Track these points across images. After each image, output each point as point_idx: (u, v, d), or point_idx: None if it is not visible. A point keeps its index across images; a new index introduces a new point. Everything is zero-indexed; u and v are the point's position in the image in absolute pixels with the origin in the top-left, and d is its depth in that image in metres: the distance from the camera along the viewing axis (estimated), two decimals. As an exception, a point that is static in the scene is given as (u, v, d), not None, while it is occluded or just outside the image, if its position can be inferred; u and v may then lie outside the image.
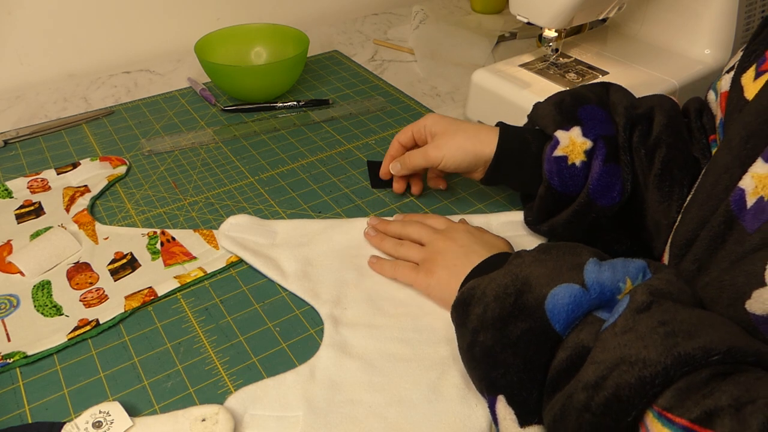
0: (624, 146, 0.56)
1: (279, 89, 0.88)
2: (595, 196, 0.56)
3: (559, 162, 0.57)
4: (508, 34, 1.06)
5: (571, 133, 0.57)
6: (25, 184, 0.70)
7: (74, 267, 0.59)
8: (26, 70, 0.93)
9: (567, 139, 0.57)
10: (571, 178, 0.57)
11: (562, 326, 0.40)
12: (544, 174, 0.58)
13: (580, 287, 0.41)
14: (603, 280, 0.41)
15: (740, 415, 0.30)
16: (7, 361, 0.50)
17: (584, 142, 0.56)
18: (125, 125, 0.83)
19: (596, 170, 0.56)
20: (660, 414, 0.32)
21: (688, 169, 0.54)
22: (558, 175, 0.57)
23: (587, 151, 0.56)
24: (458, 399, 0.47)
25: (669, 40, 0.81)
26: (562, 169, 0.57)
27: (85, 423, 0.44)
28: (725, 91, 0.51)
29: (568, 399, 0.37)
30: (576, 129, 0.57)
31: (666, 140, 0.55)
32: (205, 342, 0.53)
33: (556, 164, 0.57)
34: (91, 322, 0.53)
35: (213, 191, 0.71)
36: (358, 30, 1.14)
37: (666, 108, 0.57)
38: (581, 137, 0.57)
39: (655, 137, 0.56)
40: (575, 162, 0.57)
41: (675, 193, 0.54)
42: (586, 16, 0.73)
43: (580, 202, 0.57)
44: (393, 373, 0.50)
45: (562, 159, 0.57)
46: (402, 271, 0.57)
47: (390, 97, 0.90)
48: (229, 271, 0.60)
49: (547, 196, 0.59)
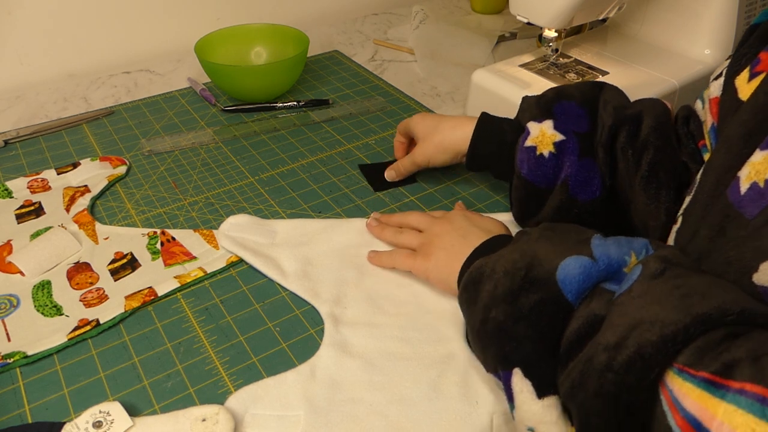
0: (605, 144, 0.57)
1: (279, 89, 0.88)
2: (575, 191, 0.57)
3: (529, 152, 0.59)
4: (508, 34, 1.06)
5: (543, 125, 0.59)
6: (26, 184, 0.70)
7: (74, 267, 0.60)
8: (26, 70, 0.93)
9: (537, 130, 0.59)
10: (539, 168, 0.58)
11: (574, 296, 0.41)
12: (516, 163, 0.60)
13: (589, 259, 0.41)
14: (610, 253, 0.42)
15: (758, 364, 0.30)
16: (7, 361, 0.50)
17: (554, 134, 0.58)
18: (125, 125, 0.83)
19: (573, 165, 0.57)
20: (680, 370, 0.33)
21: (675, 173, 0.55)
22: (527, 164, 0.59)
23: (556, 143, 0.58)
24: (459, 397, 0.47)
25: (669, 40, 0.81)
26: (531, 159, 0.59)
27: (86, 423, 0.44)
28: (715, 96, 0.52)
29: (587, 363, 0.37)
30: (548, 122, 0.59)
31: (654, 143, 0.56)
32: (205, 342, 0.53)
33: (527, 154, 0.59)
34: (91, 322, 0.53)
35: (213, 191, 0.71)
36: (358, 30, 1.14)
37: (656, 112, 0.58)
38: (552, 130, 0.59)
39: (643, 139, 0.56)
40: (543, 152, 0.58)
41: (662, 196, 0.55)
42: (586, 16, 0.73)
43: (561, 199, 0.58)
44: (393, 371, 0.50)
45: (532, 149, 0.59)
46: (399, 258, 0.58)
47: (390, 97, 0.90)
48: (229, 271, 0.60)
49: (520, 185, 0.60)
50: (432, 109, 0.88)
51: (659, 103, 0.60)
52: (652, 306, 0.36)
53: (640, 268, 0.39)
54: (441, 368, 0.50)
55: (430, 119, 0.69)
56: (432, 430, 0.45)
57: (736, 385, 0.30)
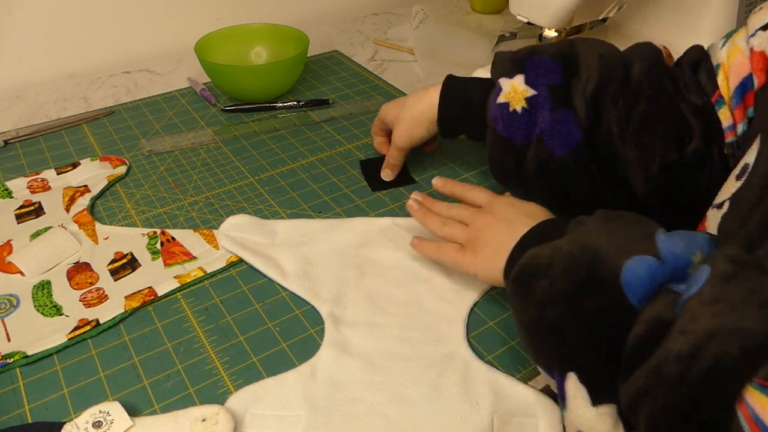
0: (589, 95, 0.55)
1: (279, 89, 0.88)
2: (551, 144, 0.56)
3: (502, 108, 0.58)
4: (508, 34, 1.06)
5: (514, 81, 0.58)
6: (25, 184, 0.70)
7: (74, 267, 0.59)
8: (26, 70, 0.93)
9: (509, 86, 0.58)
10: (513, 123, 0.58)
11: (639, 299, 0.38)
12: (489, 120, 0.60)
13: (656, 259, 0.38)
14: (677, 252, 0.39)
15: None
16: (7, 361, 0.50)
17: (525, 89, 0.57)
18: (125, 125, 0.83)
19: (545, 119, 0.56)
20: (761, 385, 0.31)
21: (671, 125, 0.53)
22: (501, 120, 0.58)
23: (528, 99, 0.57)
24: (459, 397, 0.47)
25: (669, 40, 0.81)
26: (505, 115, 0.58)
27: (85, 423, 0.44)
28: (762, 51, 0.48)
29: (655, 372, 0.34)
30: (519, 77, 0.58)
31: (646, 92, 0.54)
32: (205, 342, 0.53)
33: (499, 110, 0.59)
34: (91, 322, 0.53)
35: (213, 191, 0.71)
36: (358, 30, 1.14)
37: (647, 56, 0.56)
38: (523, 85, 0.58)
39: (634, 88, 0.54)
40: (516, 108, 0.57)
41: (657, 148, 0.52)
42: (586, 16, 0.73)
43: (538, 155, 0.57)
44: (394, 371, 0.50)
45: (504, 105, 0.58)
46: (448, 252, 0.55)
47: (390, 97, 0.90)
48: (229, 271, 0.60)
49: (495, 142, 0.60)
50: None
51: (650, 46, 0.58)
52: (729, 314, 0.33)
53: (707, 268, 0.36)
54: (441, 368, 0.50)
55: (395, 102, 0.70)
56: (432, 430, 0.45)
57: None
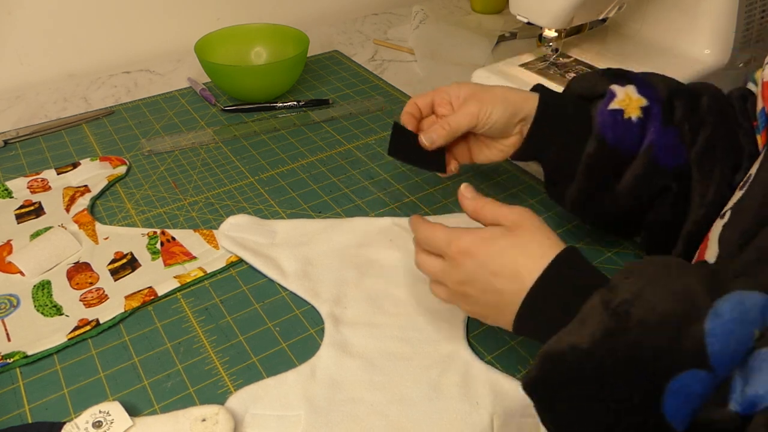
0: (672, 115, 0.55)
1: (279, 89, 0.88)
2: (660, 156, 0.53)
3: (615, 115, 0.55)
4: (508, 34, 1.06)
5: (627, 89, 0.56)
6: (25, 184, 0.70)
7: (74, 267, 0.59)
8: (26, 70, 0.93)
9: (623, 93, 0.55)
10: (626, 132, 0.54)
11: (686, 425, 0.32)
12: (596, 128, 0.55)
13: (706, 372, 0.31)
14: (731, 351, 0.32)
15: None
16: (7, 361, 0.50)
17: (640, 98, 0.55)
18: (125, 125, 0.83)
19: (656, 132, 0.54)
20: None
21: (732, 152, 0.53)
22: (612, 128, 0.54)
23: (643, 108, 0.55)
24: (459, 397, 0.47)
25: (669, 40, 0.81)
26: (618, 123, 0.54)
27: (85, 423, 0.44)
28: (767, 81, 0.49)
29: None
30: (631, 86, 0.56)
31: (711, 120, 0.54)
32: (205, 342, 0.53)
33: (611, 117, 0.55)
34: (91, 322, 0.53)
35: (213, 191, 0.71)
36: (358, 30, 1.14)
37: (711, 91, 0.56)
38: (637, 94, 0.55)
39: (702, 115, 0.54)
40: (631, 116, 0.54)
41: (716, 174, 0.52)
42: (586, 16, 0.73)
43: (644, 165, 0.54)
44: (394, 371, 0.50)
45: (618, 112, 0.54)
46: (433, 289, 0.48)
47: (390, 97, 0.90)
48: (229, 271, 0.60)
49: (598, 154, 0.55)
50: (432, 109, 0.87)
51: (711, 85, 0.58)
52: None
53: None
54: (441, 368, 0.50)
55: (476, 83, 0.59)
56: (432, 430, 0.45)
57: None
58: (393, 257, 0.61)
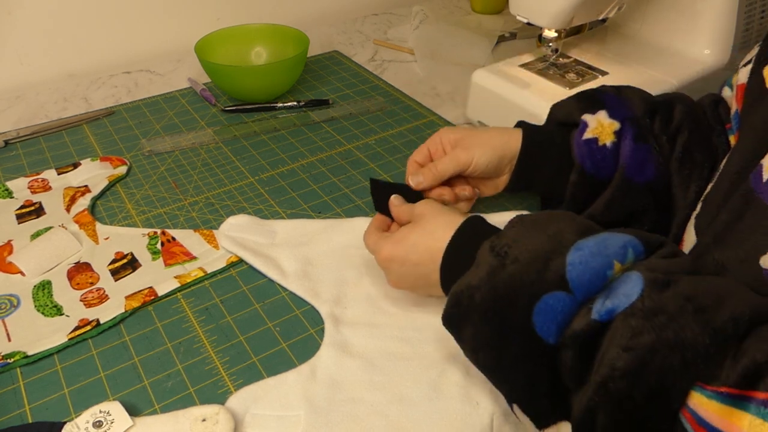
0: (647, 130, 0.57)
1: (279, 89, 0.88)
2: (631, 173, 0.56)
3: (590, 144, 0.57)
4: (508, 34, 1.06)
5: (598, 116, 0.58)
6: (26, 184, 0.70)
7: (75, 267, 0.60)
8: (26, 70, 0.93)
9: (594, 121, 0.58)
10: (603, 160, 0.57)
11: (556, 337, 0.38)
12: (575, 159, 0.58)
13: (566, 293, 0.38)
14: (588, 277, 0.38)
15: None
16: (7, 361, 0.50)
17: (612, 123, 0.57)
18: (125, 125, 0.83)
19: (628, 148, 0.56)
20: (701, 387, 0.32)
21: (709, 154, 0.55)
22: (590, 157, 0.57)
23: (616, 132, 0.57)
24: (459, 397, 0.47)
25: (669, 40, 0.81)
26: (594, 151, 0.57)
27: (86, 423, 0.44)
28: (742, 83, 0.51)
29: (602, 388, 0.35)
30: (602, 112, 0.58)
31: (688, 126, 0.56)
32: (205, 342, 0.53)
33: (587, 147, 0.57)
34: (92, 322, 0.53)
35: (213, 191, 0.71)
36: (358, 30, 1.14)
37: (684, 100, 0.58)
38: (608, 119, 0.57)
39: (677, 123, 0.56)
40: (606, 143, 0.57)
41: (694, 176, 0.54)
42: (586, 16, 0.73)
43: (617, 183, 0.56)
44: (394, 371, 0.50)
45: (593, 141, 0.57)
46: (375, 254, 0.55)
47: (390, 97, 0.90)
48: (229, 271, 0.60)
49: (580, 182, 0.58)
50: (432, 109, 0.87)
51: (682, 95, 0.60)
52: (669, 325, 0.34)
53: (638, 279, 0.36)
54: (441, 368, 0.50)
55: (466, 127, 0.63)
56: (432, 430, 0.45)
57: (760, 395, 0.30)
58: None
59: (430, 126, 0.83)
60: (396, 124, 0.84)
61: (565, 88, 0.75)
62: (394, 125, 0.83)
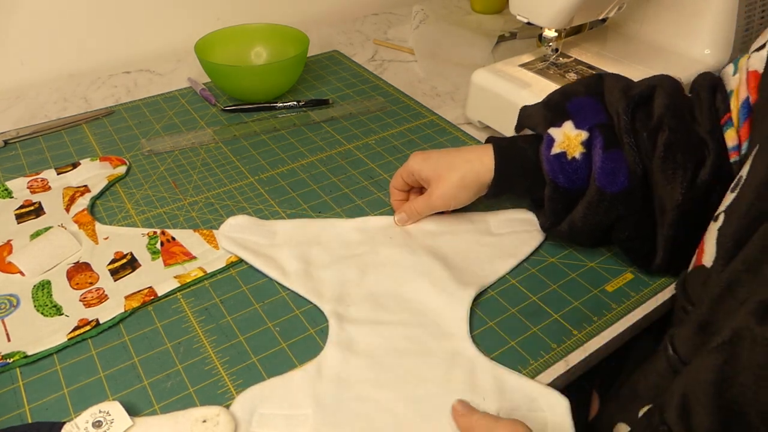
0: (627, 128, 0.55)
1: (279, 89, 0.88)
2: (603, 183, 0.55)
3: (559, 158, 0.57)
4: (508, 34, 1.06)
5: (564, 128, 0.57)
6: (25, 184, 0.70)
7: (74, 267, 0.59)
8: (26, 70, 0.93)
9: (561, 134, 0.57)
10: (575, 173, 0.56)
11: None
12: (546, 175, 0.58)
13: None
14: None
15: None
16: (7, 361, 0.50)
17: (579, 134, 0.56)
18: (125, 125, 0.83)
19: (598, 158, 0.55)
20: None
21: (693, 152, 0.53)
22: (561, 172, 0.57)
23: (584, 142, 0.56)
24: (466, 392, 0.47)
25: (669, 40, 0.81)
26: (564, 165, 0.56)
27: (85, 423, 0.44)
28: (755, 70, 0.49)
29: None
30: (568, 123, 0.57)
31: (668, 122, 0.54)
32: (205, 342, 0.53)
33: (557, 161, 0.57)
34: (91, 322, 0.53)
35: (213, 191, 0.71)
36: (358, 30, 1.14)
37: (667, 88, 0.56)
38: (575, 130, 0.56)
39: (657, 119, 0.55)
40: (575, 155, 0.56)
41: (678, 176, 0.53)
42: (586, 16, 0.73)
43: (590, 194, 0.56)
44: (400, 368, 0.50)
45: (561, 155, 0.57)
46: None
47: (390, 97, 0.90)
48: (229, 271, 0.60)
49: (556, 196, 0.58)
50: (432, 109, 0.87)
51: (668, 78, 0.58)
52: None
53: None
54: (447, 365, 0.50)
55: (434, 157, 0.61)
56: (440, 426, 0.46)
57: None
58: (393, 254, 0.61)
59: (430, 126, 0.83)
60: (396, 124, 0.84)
61: (565, 88, 0.75)
62: (394, 125, 0.83)
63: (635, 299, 0.57)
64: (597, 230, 0.58)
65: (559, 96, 0.60)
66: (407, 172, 0.63)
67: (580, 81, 0.62)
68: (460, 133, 0.82)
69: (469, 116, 0.84)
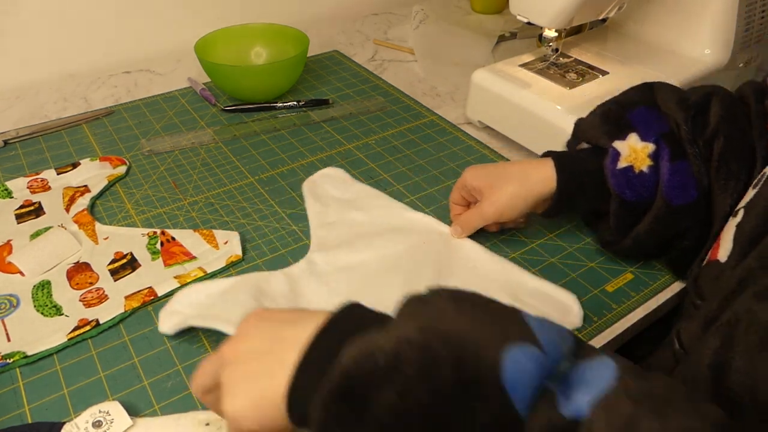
0: (688, 138, 0.54)
1: (279, 89, 0.88)
2: (671, 196, 0.53)
3: (626, 173, 0.55)
4: (508, 34, 1.06)
5: (629, 141, 0.55)
6: (25, 184, 0.70)
7: (74, 267, 0.59)
8: (26, 70, 0.93)
9: (626, 148, 0.55)
10: (642, 186, 0.55)
11: (524, 406, 0.28)
12: (612, 190, 0.56)
13: (537, 348, 0.29)
14: (554, 339, 0.31)
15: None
16: (7, 361, 0.50)
17: (645, 146, 0.54)
18: (125, 125, 0.83)
19: (666, 171, 0.54)
20: None
21: (745, 160, 0.53)
22: (629, 187, 0.55)
23: (651, 155, 0.54)
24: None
25: (669, 40, 0.81)
26: (631, 179, 0.55)
27: (85, 423, 0.44)
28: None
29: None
30: (633, 135, 0.55)
31: (723, 131, 0.53)
32: (205, 342, 0.53)
33: (624, 176, 0.55)
34: (91, 322, 0.53)
35: (213, 191, 0.71)
36: (358, 30, 1.14)
37: (721, 96, 0.55)
38: (641, 142, 0.55)
39: (713, 128, 0.54)
40: (642, 169, 0.54)
41: (731, 186, 0.52)
42: (586, 16, 0.73)
43: (657, 207, 0.54)
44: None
45: (629, 169, 0.55)
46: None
47: (390, 97, 0.90)
48: (228, 271, 0.60)
49: (622, 211, 0.56)
50: (432, 109, 0.87)
51: (720, 87, 0.57)
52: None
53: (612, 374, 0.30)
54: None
55: (490, 168, 0.60)
56: None
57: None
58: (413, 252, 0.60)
59: (430, 126, 0.83)
60: (396, 124, 0.84)
61: (565, 87, 0.75)
62: (394, 125, 0.83)
63: (635, 299, 0.58)
64: (661, 242, 0.56)
65: (616, 106, 0.58)
66: (461, 184, 0.62)
67: (630, 90, 0.60)
68: (460, 133, 0.82)
69: (469, 116, 0.84)
